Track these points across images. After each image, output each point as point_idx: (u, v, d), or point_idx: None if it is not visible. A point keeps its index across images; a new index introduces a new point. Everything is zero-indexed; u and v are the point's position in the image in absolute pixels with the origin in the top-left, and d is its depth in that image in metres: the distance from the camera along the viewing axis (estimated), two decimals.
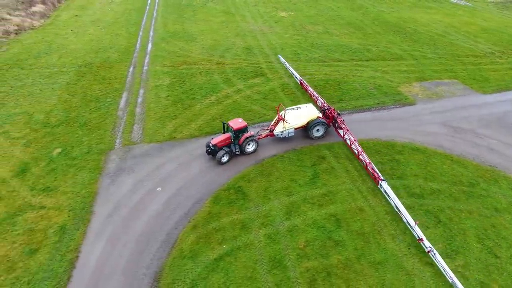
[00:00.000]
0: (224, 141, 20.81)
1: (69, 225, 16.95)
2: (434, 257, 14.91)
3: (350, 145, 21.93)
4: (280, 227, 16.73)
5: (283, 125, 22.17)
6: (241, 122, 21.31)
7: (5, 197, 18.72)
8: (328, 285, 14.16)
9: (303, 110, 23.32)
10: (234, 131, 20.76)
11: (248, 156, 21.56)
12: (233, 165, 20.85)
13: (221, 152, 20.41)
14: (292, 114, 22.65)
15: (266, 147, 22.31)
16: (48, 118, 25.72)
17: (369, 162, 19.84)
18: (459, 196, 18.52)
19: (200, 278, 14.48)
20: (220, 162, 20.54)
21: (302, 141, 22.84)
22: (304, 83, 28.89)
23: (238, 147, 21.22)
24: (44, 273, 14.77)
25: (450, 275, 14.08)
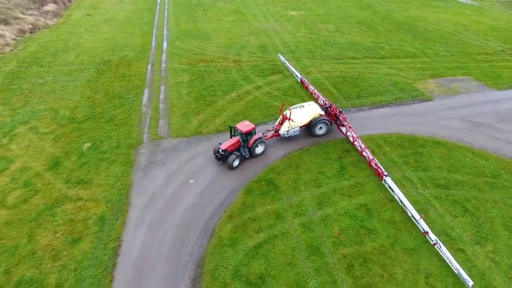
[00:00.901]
0: (234, 145, 20.58)
1: (108, 216, 17.51)
2: (439, 249, 15.28)
3: (353, 142, 22.22)
4: (313, 217, 17.30)
5: (288, 124, 22.20)
6: (249, 124, 21.17)
7: (42, 189, 19.25)
8: (366, 270, 14.76)
9: (306, 108, 23.43)
10: (244, 134, 20.60)
11: (274, 150, 22.08)
12: (261, 159, 21.37)
13: (232, 156, 20.18)
14: (296, 113, 22.66)
15: (284, 143, 22.99)
16: (74, 114, 26.26)
17: (372, 158, 20.18)
18: (483, 187, 19.15)
19: (242, 264, 15.02)
20: (231, 167, 20.17)
21: (330, 132, 23.52)
22: (305, 81, 29.23)
23: (248, 150, 20.99)
24: (89, 261, 15.31)
25: (456, 266, 14.39)
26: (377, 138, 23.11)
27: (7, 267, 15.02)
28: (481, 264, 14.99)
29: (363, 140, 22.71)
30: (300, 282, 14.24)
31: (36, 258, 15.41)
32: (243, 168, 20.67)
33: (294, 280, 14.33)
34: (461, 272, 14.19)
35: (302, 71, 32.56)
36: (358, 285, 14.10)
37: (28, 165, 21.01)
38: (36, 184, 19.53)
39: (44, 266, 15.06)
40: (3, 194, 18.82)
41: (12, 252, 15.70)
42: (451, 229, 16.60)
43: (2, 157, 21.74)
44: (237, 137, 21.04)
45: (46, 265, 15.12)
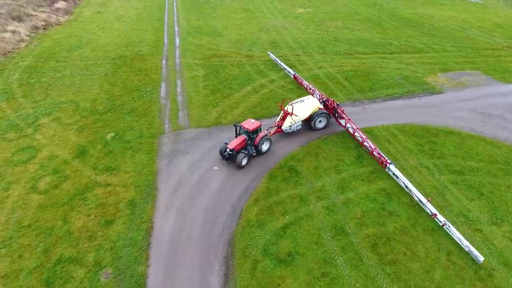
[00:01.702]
0: (241, 144, 20.46)
1: (138, 200, 18.17)
2: (449, 230, 16.00)
3: (353, 134, 22.69)
4: (336, 200, 17.98)
5: (291, 120, 22.29)
6: (254, 122, 21.09)
7: (71, 176, 19.90)
8: (389, 248, 15.45)
9: (306, 103, 23.50)
10: (250, 132, 20.46)
11: (294, 138, 22.68)
12: (281, 147, 22.02)
13: (241, 155, 19.95)
14: (297, 107, 22.64)
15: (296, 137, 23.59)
16: (95, 106, 26.92)
17: (374, 147, 20.76)
18: (496, 173, 19.87)
19: (271, 243, 15.69)
20: (240, 166, 19.95)
21: (338, 127, 24.24)
22: (299, 77, 29.46)
23: (254, 148, 20.89)
24: (124, 241, 15.97)
25: (466, 244, 15.12)
26: (391, 128, 23.88)
27: (45, 247, 15.71)
28: (499, 243, 15.71)
29: (378, 130, 23.53)
30: (328, 259, 14.95)
31: (73, 238, 16.12)
32: (264, 155, 21.40)
33: (322, 258, 15.04)
34: (472, 249, 14.93)
35: (314, 66, 33.38)
36: (383, 262, 14.83)
37: (55, 154, 21.72)
38: (65, 171, 20.25)
39: (81, 246, 15.76)
40: (34, 180, 19.52)
41: (48, 233, 16.40)
42: (468, 212, 17.33)
43: (28, 146, 22.45)
44: (243, 135, 20.91)
45: (83, 245, 15.81)
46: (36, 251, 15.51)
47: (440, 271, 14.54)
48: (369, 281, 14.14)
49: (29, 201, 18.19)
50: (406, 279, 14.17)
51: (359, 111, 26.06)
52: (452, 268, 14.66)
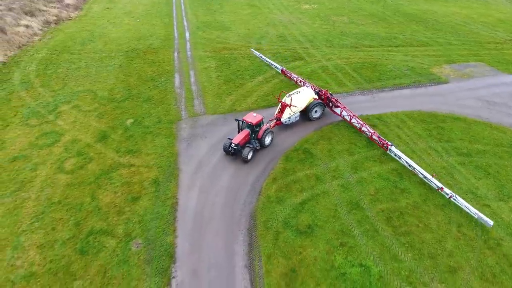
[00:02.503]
0: (245, 138, 20.46)
1: (161, 179, 19.02)
2: (456, 200, 16.93)
3: (350, 121, 23.23)
4: (350, 179, 18.83)
5: (290, 111, 22.52)
6: (256, 115, 21.09)
7: (95, 158, 20.75)
8: (403, 221, 16.29)
9: (302, 94, 23.62)
10: (254, 126, 20.49)
11: (307, 124, 23.48)
12: (295, 132, 22.85)
13: (247, 149, 19.95)
14: (294, 99, 22.73)
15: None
16: (112, 95, 27.78)
17: (373, 131, 21.44)
18: (502, 155, 20.75)
19: (290, 217, 16.54)
20: (246, 160, 19.93)
21: (355, 111, 24.69)
22: (287, 71, 29.59)
23: (258, 141, 20.93)
24: (151, 215, 16.81)
25: (474, 211, 16.14)
26: (400, 115, 24.74)
27: (76, 220, 16.54)
28: (506, 216, 16.56)
29: (388, 116, 24.39)
30: (345, 231, 15.80)
31: (102, 213, 16.95)
32: (279, 139, 22.22)
33: (339, 229, 15.89)
34: (481, 215, 15.90)
35: (323, 58, 34.26)
36: (398, 233, 15.68)
37: (78, 138, 22.56)
38: (89, 153, 21.09)
39: (110, 220, 16.60)
40: (60, 162, 20.37)
41: (78, 208, 17.24)
42: (477, 189, 18.19)
43: (51, 131, 23.29)
44: (246, 130, 20.91)
45: (112, 219, 16.65)
46: (68, 224, 16.40)
47: (452, 241, 15.41)
48: (385, 250, 15.01)
49: (56, 180, 19.08)
50: (419, 248, 15.05)
51: (368, 99, 27.03)
52: (462, 238, 15.53)
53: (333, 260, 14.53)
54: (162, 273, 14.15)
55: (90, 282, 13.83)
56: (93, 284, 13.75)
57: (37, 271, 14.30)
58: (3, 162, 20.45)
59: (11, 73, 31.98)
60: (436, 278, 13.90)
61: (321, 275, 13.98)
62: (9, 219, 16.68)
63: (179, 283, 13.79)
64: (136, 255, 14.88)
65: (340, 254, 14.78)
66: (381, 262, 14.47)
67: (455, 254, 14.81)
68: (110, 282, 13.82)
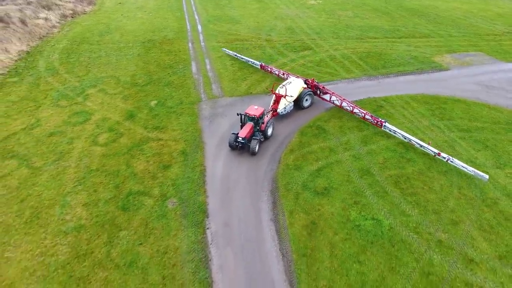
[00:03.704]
0: (250, 131, 20.70)
1: (188, 150, 20.81)
2: (453, 162, 18.80)
3: (341, 105, 24.38)
4: (360, 151, 20.61)
5: (285, 101, 23.20)
6: (258, 108, 21.47)
7: (125, 133, 22.52)
8: (409, 184, 18.06)
9: (293, 84, 24.32)
10: (258, 118, 20.82)
11: (317, 105, 25.18)
12: (307, 112, 24.59)
13: (254, 141, 20.19)
14: (289, 89, 23.41)
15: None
16: (135, 80, 29.56)
17: (366, 112, 22.88)
18: (499, 131, 22.56)
19: (308, 181, 18.32)
20: (254, 153, 20.18)
21: (361, 95, 26.76)
22: (267, 66, 30.02)
23: (261, 133, 21.27)
24: (182, 179, 18.58)
25: (471, 169, 18.08)
26: (404, 97, 26.53)
27: (115, 184, 18.31)
28: (502, 181, 18.35)
29: (393, 98, 26.19)
30: (358, 192, 17.58)
31: (138, 178, 18.71)
32: (293, 117, 23.96)
33: (353, 191, 17.66)
34: (477, 171, 17.88)
35: (330, 48, 36.04)
36: (405, 194, 17.45)
37: (107, 117, 24.34)
38: (119, 130, 22.86)
39: (146, 183, 18.36)
40: (93, 136, 22.15)
41: (115, 174, 19.01)
42: (476, 159, 19.99)
43: (82, 111, 25.06)
44: (250, 123, 21.12)
45: (148, 182, 18.41)
46: (108, 186, 18.15)
47: (453, 200, 17.17)
48: (394, 207, 16.77)
49: (92, 151, 20.85)
50: (425, 205, 16.81)
51: (375, 84, 28.83)
52: (463, 198, 17.30)
53: (348, 215, 16.33)
54: (197, 225, 15.93)
55: (134, 232, 15.60)
56: (137, 233, 15.53)
57: (85, 223, 16.08)
58: (41, 137, 22.27)
59: (36, 61, 33.80)
60: (440, 229, 15.67)
61: (338, 226, 15.75)
62: (54, 183, 18.48)
63: (213, 232, 15.57)
64: (172, 211, 16.66)
65: (354, 210, 16.57)
66: (391, 216, 16.25)
67: (456, 211, 16.60)
68: (152, 232, 15.59)
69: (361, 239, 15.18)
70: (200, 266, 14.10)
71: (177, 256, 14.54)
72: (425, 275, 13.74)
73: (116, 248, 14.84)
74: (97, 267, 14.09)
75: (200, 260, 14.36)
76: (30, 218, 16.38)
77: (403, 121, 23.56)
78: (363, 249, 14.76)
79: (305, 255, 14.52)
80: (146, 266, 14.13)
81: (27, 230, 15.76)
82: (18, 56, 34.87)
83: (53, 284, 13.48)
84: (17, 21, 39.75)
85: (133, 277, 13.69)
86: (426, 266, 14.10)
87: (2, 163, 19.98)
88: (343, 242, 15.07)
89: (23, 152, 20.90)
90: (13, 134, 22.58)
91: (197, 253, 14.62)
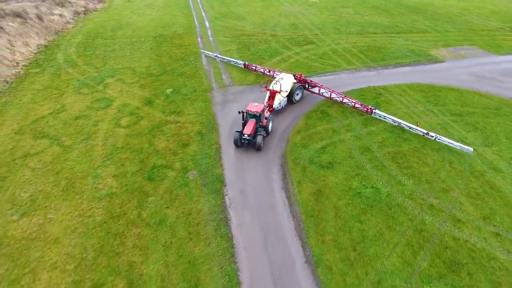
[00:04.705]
0: (253, 128, 21.19)
1: (204, 131, 22.75)
2: (441, 140, 20.85)
3: (330, 97, 25.67)
4: (361, 132, 22.54)
5: (280, 97, 24.25)
6: (258, 105, 22.03)
7: (145, 116, 24.46)
8: (405, 159, 20.00)
9: (285, 79, 25.27)
10: (259, 114, 21.38)
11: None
12: (310, 100, 26.54)
13: (259, 137, 20.76)
14: (282, 84, 24.43)
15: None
16: (149, 70, 31.50)
17: (355, 101, 24.53)
18: (488, 115, 24.54)
19: (314, 157, 20.27)
20: (260, 148, 20.75)
21: (361, 84, 28.71)
22: (250, 65, 30.91)
23: (263, 129, 21.95)
24: (200, 155, 20.53)
25: (457, 144, 20.26)
26: (402, 86, 28.49)
27: (140, 159, 20.25)
28: (489, 156, 20.32)
29: (391, 87, 28.15)
30: (359, 165, 19.52)
31: (160, 154, 20.65)
32: (299, 104, 25.88)
33: (354, 165, 19.59)
34: (462, 146, 20.03)
35: (332, 42, 37.96)
36: (401, 167, 19.39)
37: (127, 102, 26.28)
38: (139, 114, 24.78)
39: (168, 158, 20.30)
40: (116, 120, 24.08)
41: (140, 151, 20.96)
42: (466, 138, 21.94)
43: (103, 98, 27.00)
44: (252, 119, 21.65)
45: (169, 158, 20.34)
46: (134, 161, 20.08)
47: (445, 172, 19.10)
48: (391, 178, 18.69)
49: (116, 132, 22.79)
50: (419, 177, 18.75)
51: (374, 74, 30.78)
52: (453, 171, 19.24)
53: (350, 184, 18.26)
54: (216, 192, 17.85)
55: (161, 198, 17.52)
56: (163, 199, 17.45)
57: (116, 191, 17.99)
58: (68, 120, 24.19)
59: (54, 54, 35.76)
60: (432, 195, 17.58)
61: (341, 193, 17.67)
62: (84, 158, 20.41)
63: (231, 198, 17.50)
64: (193, 181, 18.57)
65: (355, 180, 18.49)
66: (388, 186, 18.16)
67: (447, 181, 18.52)
68: (176, 198, 17.50)
69: (362, 203, 17.12)
70: (221, 224, 16.05)
71: (200, 217, 16.48)
72: (418, 231, 15.68)
73: (146, 211, 16.78)
74: (130, 225, 16.04)
75: (221, 219, 16.31)
76: (66, 187, 18.36)
77: (400, 107, 25.52)
78: (363, 211, 16.70)
79: (313, 216, 16.47)
80: (174, 224, 16.07)
81: (65, 197, 17.73)
82: (37, 49, 36.87)
83: (94, 238, 15.44)
84: (34, 17, 41.73)
85: (163, 233, 15.64)
86: (419, 224, 16.04)
87: (35, 142, 22.00)
88: (346, 206, 17.02)
89: (53, 132, 22.88)
90: (42, 118, 24.60)
91: (217, 214, 16.58)
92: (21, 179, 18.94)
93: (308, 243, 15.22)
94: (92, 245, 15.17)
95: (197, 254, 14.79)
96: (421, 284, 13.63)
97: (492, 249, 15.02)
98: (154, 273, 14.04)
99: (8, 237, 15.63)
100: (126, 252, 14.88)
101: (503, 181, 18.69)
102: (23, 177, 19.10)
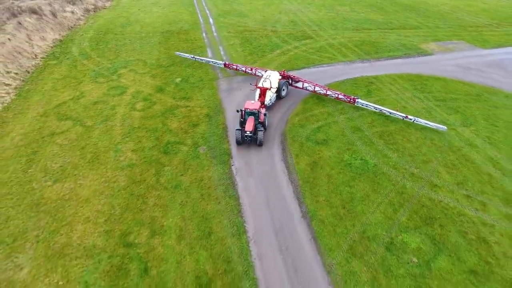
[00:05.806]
0: (254, 124, 22.03)
1: (212, 114, 25.16)
2: (418, 121, 23.11)
3: (314, 90, 27.10)
4: (353, 115, 24.95)
5: (270, 94, 25.33)
6: (255, 102, 23.00)
7: (158, 102, 26.86)
8: (391, 137, 22.42)
9: (272, 76, 26.58)
10: (258, 111, 22.34)
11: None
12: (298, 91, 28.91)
13: (260, 133, 21.59)
14: (270, 82, 25.54)
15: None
16: (159, 62, 33.92)
17: (338, 92, 26.40)
18: (469, 101, 26.97)
19: (310, 135, 22.68)
20: (262, 143, 21.67)
21: (355, 74, 31.05)
22: (231, 64, 31.39)
23: (261, 125, 22.73)
24: (209, 134, 22.94)
25: (432, 124, 22.64)
26: (392, 76, 30.93)
27: (156, 136, 22.67)
28: (467, 135, 22.75)
29: (382, 77, 30.58)
30: (350, 142, 21.94)
31: (173, 132, 23.05)
32: (298, 91, 28.20)
33: (346, 141, 22.00)
34: (437, 125, 22.44)
35: (329, 37, 40.32)
36: (387, 143, 21.82)
37: (140, 90, 28.68)
38: (152, 99, 27.18)
39: (180, 136, 22.69)
40: (131, 104, 26.50)
41: (154, 130, 23.38)
42: (447, 120, 24.36)
43: (117, 86, 29.42)
44: (251, 117, 22.43)
45: (182, 135, 22.74)
46: (150, 138, 22.50)
47: (426, 147, 21.51)
48: (378, 152, 21.10)
49: (132, 115, 25.20)
50: (402, 151, 21.17)
51: (367, 65, 33.20)
52: (433, 146, 21.65)
53: (342, 157, 20.67)
54: (224, 163, 20.26)
55: (175, 167, 19.92)
56: (178, 168, 19.85)
57: (136, 162, 20.40)
58: (88, 104, 26.60)
59: (69, 48, 38.19)
60: (413, 166, 20.00)
61: (334, 164, 20.07)
62: (106, 136, 22.81)
63: (237, 168, 19.92)
64: (203, 155, 20.99)
65: (347, 154, 20.90)
66: (375, 158, 20.57)
67: (427, 154, 20.92)
68: (189, 167, 19.91)
69: (351, 172, 19.51)
70: (229, 188, 18.46)
71: (210, 182, 18.88)
72: (399, 193, 18.07)
73: (163, 177, 19.18)
74: (150, 189, 18.44)
75: (229, 184, 18.72)
76: (92, 159, 20.76)
77: (390, 94, 27.91)
78: (353, 178, 19.09)
79: (308, 181, 18.86)
80: (188, 188, 18.46)
81: (91, 167, 20.13)
82: (53, 43, 39.29)
83: (119, 199, 17.82)
84: (48, 13, 44.18)
85: (179, 195, 18.01)
86: (400, 188, 18.44)
87: (60, 123, 24.40)
88: (338, 174, 19.41)
89: (75, 115, 25.27)
90: (63, 103, 27.01)
91: (225, 180, 19.00)
92: (51, 153, 21.40)
93: (304, 202, 17.64)
94: (118, 204, 17.59)
95: (209, 210, 17.21)
96: (399, 233, 16.02)
97: (462, 207, 17.42)
98: (173, 224, 16.44)
99: (45, 198, 18.07)
100: (148, 209, 17.30)
101: (477, 154, 21.13)
102: (52, 151, 21.56)
